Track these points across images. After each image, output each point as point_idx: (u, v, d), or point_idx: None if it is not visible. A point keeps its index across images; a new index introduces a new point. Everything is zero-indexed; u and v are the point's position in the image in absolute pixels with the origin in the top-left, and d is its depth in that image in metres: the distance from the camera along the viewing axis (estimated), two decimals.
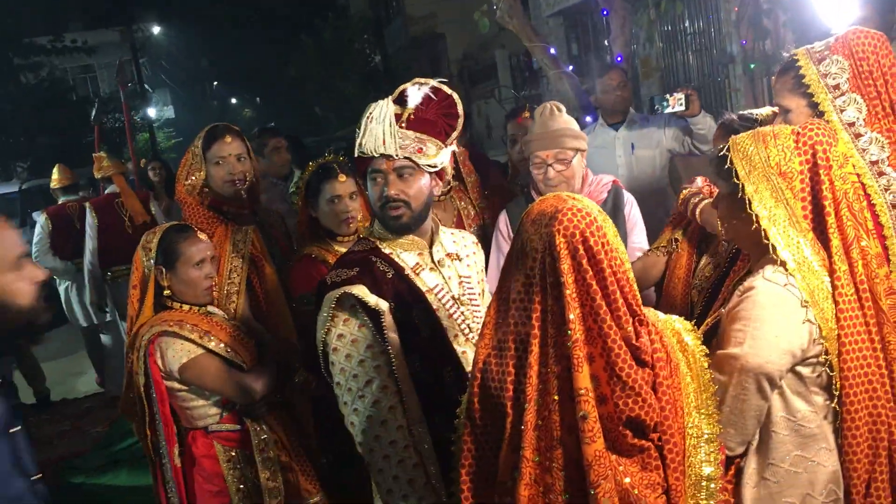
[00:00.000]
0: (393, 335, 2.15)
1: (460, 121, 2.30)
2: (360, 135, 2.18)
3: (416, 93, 2.22)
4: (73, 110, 18.80)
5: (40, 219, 6.45)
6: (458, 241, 2.44)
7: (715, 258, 2.73)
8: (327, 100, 23.40)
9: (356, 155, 2.21)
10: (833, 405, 1.97)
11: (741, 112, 2.85)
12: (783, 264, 1.97)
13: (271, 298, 3.23)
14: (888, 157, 2.25)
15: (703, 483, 1.79)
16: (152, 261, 2.75)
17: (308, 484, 2.84)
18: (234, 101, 40.01)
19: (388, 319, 2.15)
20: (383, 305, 2.15)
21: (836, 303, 1.95)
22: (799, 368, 1.98)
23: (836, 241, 1.96)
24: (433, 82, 2.24)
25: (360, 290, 2.15)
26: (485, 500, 1.77)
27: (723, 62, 8.18)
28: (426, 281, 2.26)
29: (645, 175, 4.31)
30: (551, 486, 1.67)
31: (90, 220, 5.80)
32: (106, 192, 6.14)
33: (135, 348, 2.69)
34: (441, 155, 2.25)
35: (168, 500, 2.76)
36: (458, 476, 1.79)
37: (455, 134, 2.29)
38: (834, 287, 1.96)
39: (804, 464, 1.97)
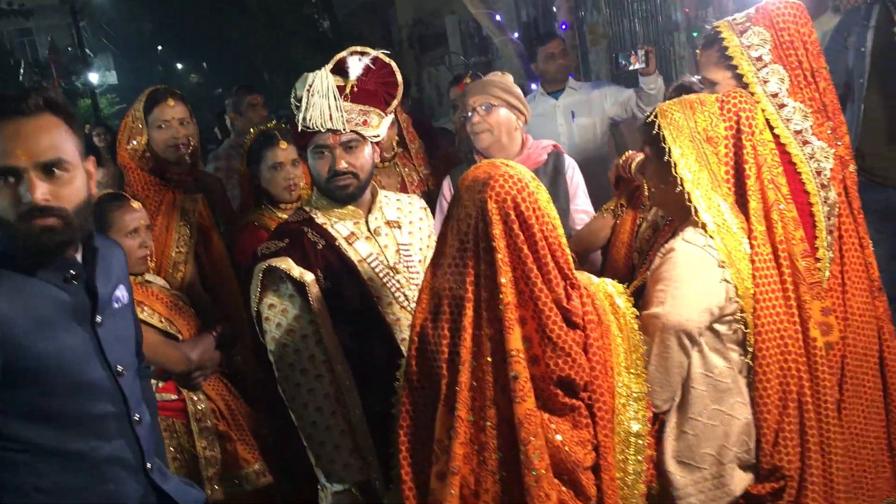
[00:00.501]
0: (319, 305, 2.19)
1: (400, 89, 2.32)
2: (303, 108, 2.17)
3: (356, 64, 2.21)
4: (10, 73, 18.21)
5: None
6: (403, 208, 2.46)
7: (654, 220, 2.80)
8: (275, 65, 23.00)
9: (300, 129, 2.19)
10: (747, 360, 2.06)
11: (688, 79, 2.88)
12: (703, 226, 2.05)
13: (218, 268, 3.22)
14: (811, 126, 2.33)
15: (632, 439, 1.87)
16: None
17: (246, 453, 2.84)
18: (179, 66, 39.04)
19: (313, 291, 2.19)
20: (308, 277, 2.19)
21: (752, 263, 2.03)
22: (716, 326, 2.06)
23: (754, 204, 2.04)
24: (372, 52, 2.25)
25: (286, 263, 2.18)
26: (423, 460, 1.82)
27: (668, 30, 8.26)
28: (359, 251, 2.29)
29: (586, 143, 4.37)
30: (485, 445, 1.73)
31: None
32: None
33: None
34: (383, 124, 2.28)
35: None
36: (398, 437, 1.85)
37: (395, 102, 2.32)
38: (751, 248, 2.04)
39: (720, 417, 2.06)
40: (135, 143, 3.14)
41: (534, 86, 5.04)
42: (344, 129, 2.18)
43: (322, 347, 2.19)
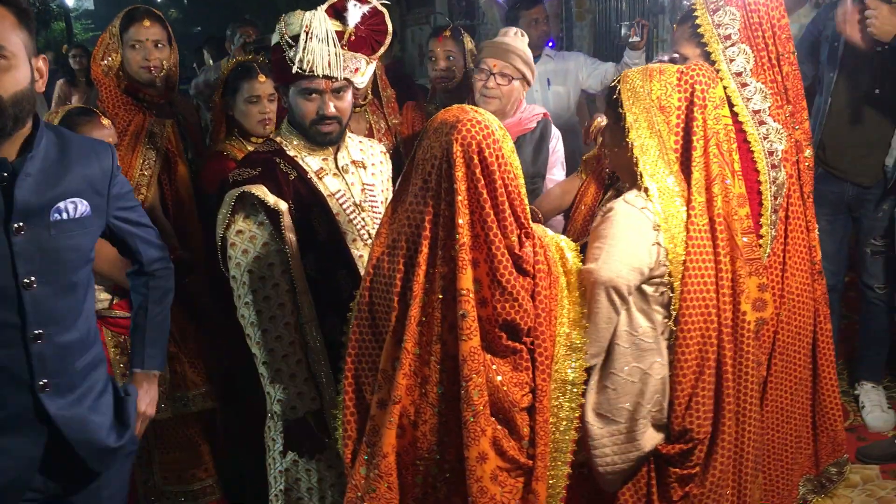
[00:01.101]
0: (290, 235, 2.23)
1: (388, 37, 2.34)
2: (301, 50, 2.16)
3: (355, 10, 2.23)
4: None
5: None
6: (364, 150, 2.50)
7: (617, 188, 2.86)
8: (257, 6, 22.60)
9: (294, 71, 2.19)
10: (670, 323, 2.14)
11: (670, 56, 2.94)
12: (646, 191, 2.12)
13: (180, 195, 3.21)
14: (769, 108, 2.41)
15: (568, 387, 1.96)
16: None
17: (195, 376, 2.90)
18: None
19: (286, 220, 2.22)
20: (282, 206, 2.22)
21: (687, 231, 2.10)
22: (644, 287, 2.14)
23: (696, 175, 2.10)
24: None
25: (260, 190, 2.21)
26: (366, 387, 1.89)
27: (653, 11, 8.30)
28: (328, 185, 2.33)
29: (560, 110, 4.40)
30: (428, 378, 1.80)
31: None
32: None
33: None
34: (368, 70, 2.31)
35: None
36: (345, 364, 1.91)
37: (382, 49, 2.34)
38: (688, 216, 2.11)
39: (638, 374, 2.15)
40: (109, 60, 3.12)
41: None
42: (340, 77, 2.22)
43: (288, 277, 2.23)
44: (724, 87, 2.37)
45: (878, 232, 3.33)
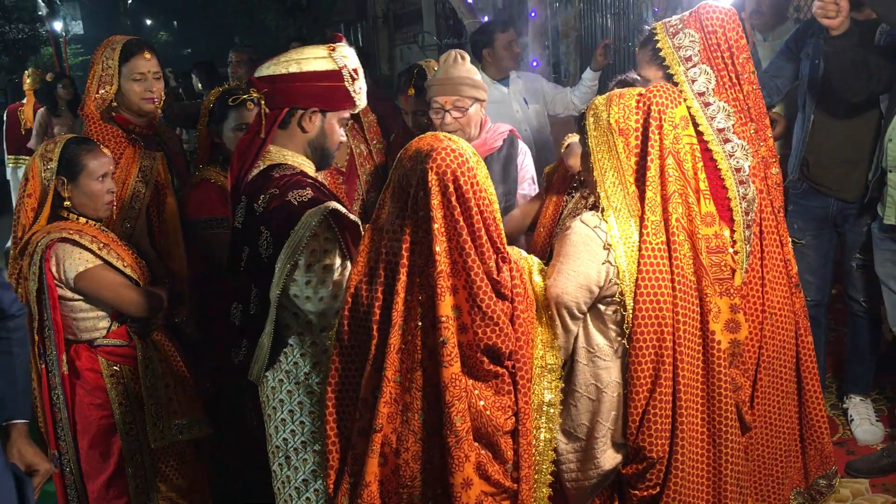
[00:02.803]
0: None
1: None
2: (361, 89, 2.35)
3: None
4: None
5: None
6: None
7: (575, 208, 2.86)
8: (247, 28, 22.72)
9: (354, 107, 2.38)
10: (623, 341, 2.15)
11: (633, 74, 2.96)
12: (602, 211, 2.15)
13: (167, 227, 3.21)
14: (734, 125, 2.44)
15: (545, 408, 1.99)
16: (51, 171, 2.73)
17: (188, 403, 2.89)
18: (148, 22, 38.17)
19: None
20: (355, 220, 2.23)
21: (639, 250, 2.12)
22: (599, 306, 2.16)
23: (650, 194, 2.12)
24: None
25: (338, 206, 2.17)
26: (348, 417, 1.89)
27: (638, 28, 8.37)
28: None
29: (542, 126, 4.45)
30: (409, 405, 1.80)
31: None
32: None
33: (27, 254, 2.67)
34: None
35: (52, 409, 2.77)
36: (325, 394, 1.91)
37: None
38: (640, 235, 2.13)
39: (597, 392, 2.17)
40: (103, 91, 3.12)
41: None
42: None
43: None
44: (689, 108, 2.40)
45: (861, 246, 3.35)
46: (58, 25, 21.63)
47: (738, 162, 2.41)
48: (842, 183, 3.35)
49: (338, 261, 2.13)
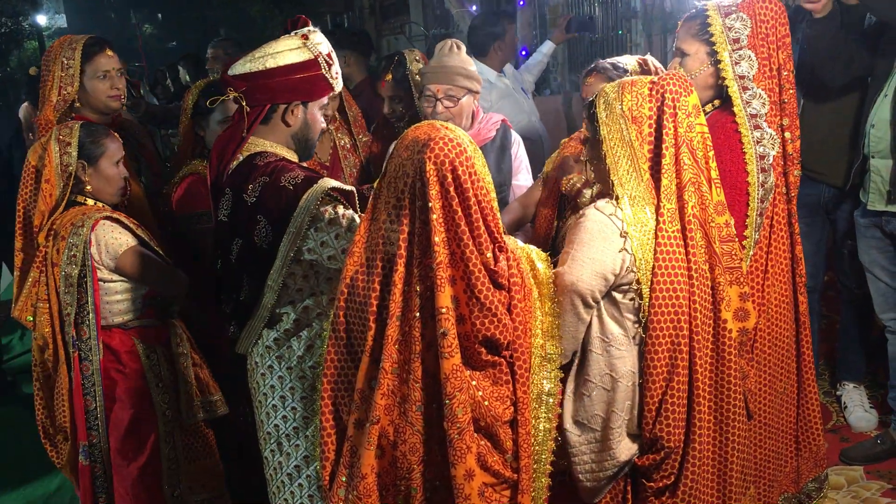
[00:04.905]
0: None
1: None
2: (336, 68, 2.35)
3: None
4: None
5: None
6: None
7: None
8: (232, 21, 22.56)
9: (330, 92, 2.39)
10: (639, 330, 2.15)
11: (611, 60, 2.93)
12: (617, 199, 2.14)
13: (135, 215, 3.18)
14: (767, 114, 2.47)
15: (544, 398, 1.97)
16: (71, 156, 2.70)
17: (211, 382, 2.92)
18: (133, 15, 37.86)
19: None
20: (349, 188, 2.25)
21: (656, 238, 2.11)
22: (615, 294, 2.15)
23: (665, 182, 2.12)
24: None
25: (334, 182, 2.19)
26: (344, 408, 1.88)
27: (626, 17, 8.36)
28: None
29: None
30: (407, 397, 1.79)
31: None
32: None
33: (59, 237, 2.64)
34: None
35: (85, 398, 2.71)
36: (321, 384, 1.89)
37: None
38: (657, 224, 2.12)
39: (612, 382, 2.16)
40: (65, 93, 3.08)
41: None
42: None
43: None
44: (727, 88, 2.47)
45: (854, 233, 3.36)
46: (41, 19, 21.41)
47: (763, 149, 2.47)
48: (832, 169, 3.35)
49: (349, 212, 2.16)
